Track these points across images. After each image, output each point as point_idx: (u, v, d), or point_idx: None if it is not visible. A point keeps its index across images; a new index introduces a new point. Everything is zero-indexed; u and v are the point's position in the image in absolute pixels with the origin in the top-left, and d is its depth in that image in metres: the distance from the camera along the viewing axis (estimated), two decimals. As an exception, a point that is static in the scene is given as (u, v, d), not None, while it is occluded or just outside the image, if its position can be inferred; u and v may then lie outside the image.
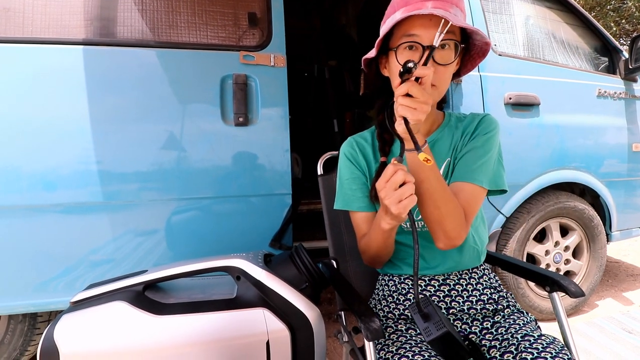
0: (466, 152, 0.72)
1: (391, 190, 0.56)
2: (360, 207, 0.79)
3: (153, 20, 1.16)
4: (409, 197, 0.56)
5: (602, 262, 1.74)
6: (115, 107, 1.10)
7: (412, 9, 0.63)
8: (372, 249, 0.75)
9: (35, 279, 1.09)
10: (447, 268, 0.76)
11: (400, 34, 0.65)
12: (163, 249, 1.17)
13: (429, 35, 0.62)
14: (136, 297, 0.68)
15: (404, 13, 0.63)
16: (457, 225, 0.65)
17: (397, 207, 0.56)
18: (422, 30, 0.63)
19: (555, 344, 0.61)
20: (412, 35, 0.64)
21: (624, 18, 6.67)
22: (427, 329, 0.55)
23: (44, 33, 1.08)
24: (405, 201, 0.56)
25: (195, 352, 0.65)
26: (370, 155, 0.80)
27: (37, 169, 1.05)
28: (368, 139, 0.83)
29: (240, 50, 1.19)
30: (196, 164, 1.16)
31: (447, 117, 0.80)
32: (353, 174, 0.80)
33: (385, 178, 0.57)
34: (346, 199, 0.80)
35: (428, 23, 0.62)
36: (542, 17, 1.66)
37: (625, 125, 1.72)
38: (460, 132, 0.76)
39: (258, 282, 0.71)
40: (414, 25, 0.63)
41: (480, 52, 0.70)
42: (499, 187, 0.73)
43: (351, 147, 0.82)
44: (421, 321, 0.56)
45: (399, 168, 0.56)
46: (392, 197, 0.56)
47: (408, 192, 0.56)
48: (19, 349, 1.22)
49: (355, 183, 0.79)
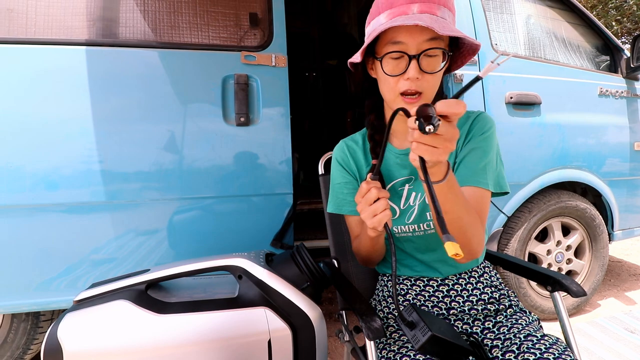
0: (467, 154, 0.70)
1: (366, 206, 0.57)
2: (351, 211, 0.79)
3: (155, 21, 1.16)
4: (383, 212, 0.56)
5: (604, 261, 1.74)
6: (118, 107, 1.11)
7: (397, 13, 0.61)
8: (363, 252, 0.76)
9: (38, 278, 1.10)
10: (446, 271, 0.76)
11: (386, 40, 0.63)
12: (165, 249, 1.17)
13: (415, 43, 0.60)
14: (139, 296, 0.69)
15: (388, 18, 0.61)
16: (481, 240, 0.64)
17: (371, 221, 0.57)
18: (408, 37, 0.60)
19: (558, 344, 0.60)
20: (398, 43, 0.61)
21: (625, 16, 6.63)
22: (414, 337, 0.54)
23: (47, 34, 1.08)
24: (380, 215, 0.56)
25: (197, 350, 0.65)
26: (361, 158, 0.80)
27: (40, 169, 1.06)
28: (359, 141, 0.82)
29: (242, 50, 1.20)
30: (198, 164, 1.16)
31: None
32: (344, 178, 0.80)
33: (360, 194, 0.58)
34: (337, 203, 0.80)
35: (414, 30, 0.60)
36: (543, 15, 1.65)
37: (627, 124, 1.71)
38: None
39: (259, 282, 0.71)
40: (400, 32, 0.61)
41: (471, 50, 0.68)
42: (502, 189, 0.72)
43: (342, 152, 0.81)
44: (408, 330, 0.56)
45: (372, 185, 0.56)
46: (367, 211, 0.57)
47: (381, 208, 0.56)
48: (22, 348, 1.23)
49: (347, 187, 0.79)
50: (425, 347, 0.53)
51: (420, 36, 0.60)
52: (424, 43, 0.61)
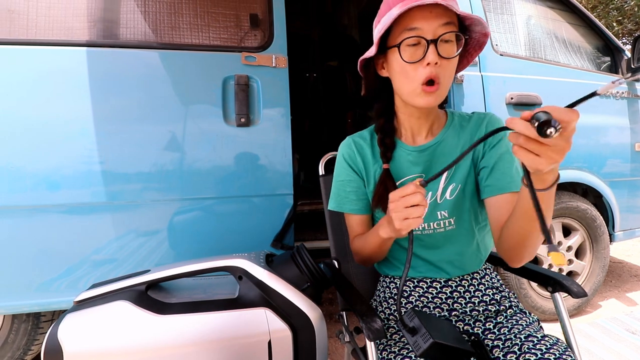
0: (497, 161, 0.69)
1: (402, 206, 0.55)
2: (352, 210, 0.79)
3: (156, 22, 1.16)
4: (416, 219, 0.55)
5: (605, 262, 1.74)
6: (118, 108, 1.11)
7: (409, 2, 0.60)
8: (365, 252, 0.75)
9: (38, 278, 1.10)
10: (452, 272, 0.76)
11: (400, 29, 0.62)
12: (165, 249, 1.17)
13: (431, 28, 0.61)
14: (139, 296, 0.69)
15: (402, 7, 0.60)
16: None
17: (400, 223, 0.55)
18: (423, 22, 0.60)
19: (559, 345, 0.60)
20: (414, 29, 0.61)
21: (626, 17, 6.63)
22: (416, 343, 0.54)
23: (48, 35, 1.08)
24: (411, 220, 0.55)
25: (198, 351, 0.65)
26: (369, 156, 0.78)
27: (41, 170, 1.06)
28: (367, 138, 0.80)
29: (242, 51, 1.20)
30: (198, 165, 1.16)
31: (449, 116, 0.78)
32: (349, 176, 0.79)
33: (401, 193, 0.55)
34: (339, 201, 0.80)
35: (429, 15, 0.60)
36: (544, 16, 1.65)
37: (628, 125, 1.71)
38: (467, 134, 0.74)
39: (260, 282, 0.71)
40: (415, 18, 0.60)
41: (477, 45, 0.68)
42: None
43: (349, 148, 0.80)
44: (409, 336, 0.56)
45: (419, 191, 0.54)
46: (401, 212, 0.55)
47: (417, 214, 0.54)
48: (23, 348, 1.23)
49: (350, 185, 0.78)
50: (426, 354, 0.53)
51: (436, 21, 0.60)
52: (439, 28, 0.61)
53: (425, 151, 0.74)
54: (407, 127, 0.76)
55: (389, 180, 0.73)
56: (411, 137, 0.76)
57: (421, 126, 0.75)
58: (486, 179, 0.70)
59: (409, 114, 0.73)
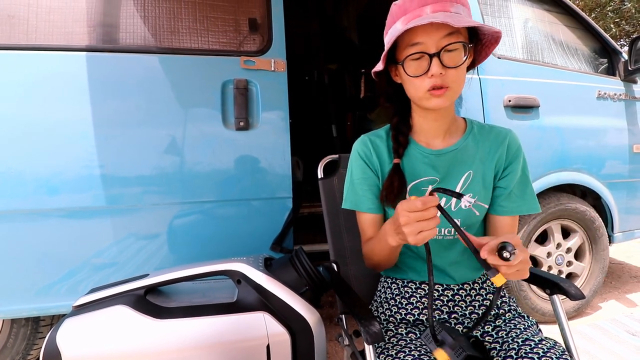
0: (516, 183, 0.74)
1: (414, 221, 0.53)
2: (369, 209, 0.77)
3: (155, 26, 1.17)
4: (431, 231, 0.53)
5: (605, 264, 1.74)
6: (118, 112, 1.11)
7: (412, 17, 0.62)
8: (375, 259, 0.75)
9: (38, 283, 1.10)
10: (452, 279, 0.76)
11: (405, 44, 0.65)
12: (165, 253, 1.17)
13: (433, 41, 0.62)
14: (137, 301, 0.69)
15: (403, 23, 0.62)
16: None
17: (415, 238, 0.53)
18: (425, 37, 0.62)
19: (556, 348, 0.61)
20: (417, 45, 0.63)
21: (624, 19, 6.66)
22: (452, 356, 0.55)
23: (48, 40, 1.09)
24: (425, 233, 0.53)
25: (196, 355, 0.65)
26: (385, 154, 0.78)
27: (41, 174, 1.06)
28: (383, 137, 0.80)
29: (241, 55, 1.20)
30: (198, 168, 1.17)
31: (469, 124, 0.78)
32: (365, 173, 0.78)
33: (412, 208, 0.53)
34: (356, 200, 0.78)
35: (430, 29, 0.62)
36: (541, 19, 1.66)
37: (626, 127, 1.71)
38: (487, 147, 0.75)
39: (258, 286, 0.71)
40: (417, 33, 0.62)
41: (493, 40, 0.68)
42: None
43: (365, 146, 0.79)
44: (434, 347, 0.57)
45: (432, 205, 0.53)
46: (414, 226, 0.53)
47: (431, 226, 0.53)
48: (22, 353, 1.23)
49: (367, 183, 0.77)
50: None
51: (437, 34, 0.61)
52: (442, 40, 0.62)
53: (443, 156, 0.74)
54: (423, 128, 0.76)
55: (396, 175, 0.73)
56: (427, 139, 0.76)
57: (437, 129, 0.75)
58: (503, 199, 0.74)
59: (424, 116, 0.74)
